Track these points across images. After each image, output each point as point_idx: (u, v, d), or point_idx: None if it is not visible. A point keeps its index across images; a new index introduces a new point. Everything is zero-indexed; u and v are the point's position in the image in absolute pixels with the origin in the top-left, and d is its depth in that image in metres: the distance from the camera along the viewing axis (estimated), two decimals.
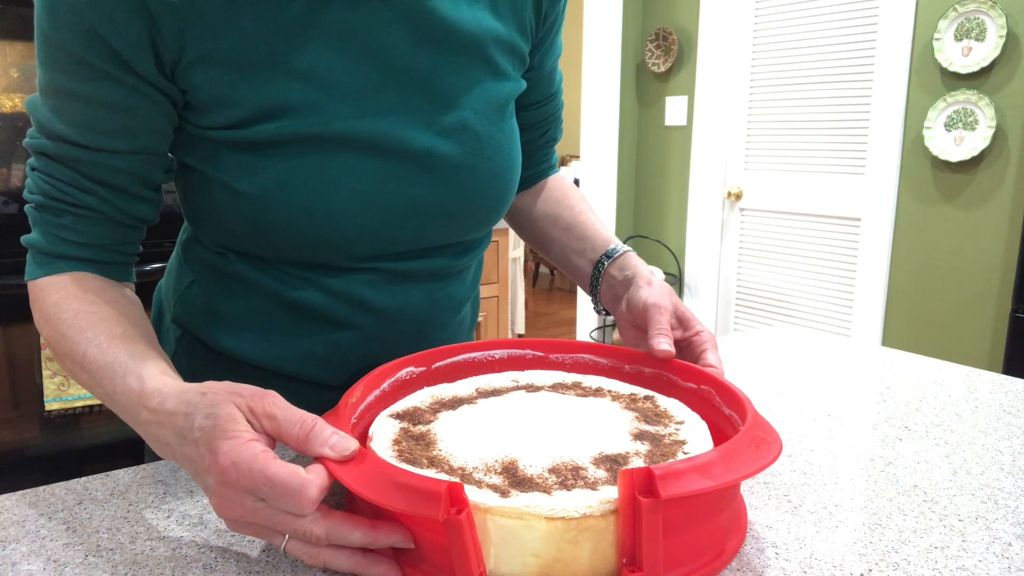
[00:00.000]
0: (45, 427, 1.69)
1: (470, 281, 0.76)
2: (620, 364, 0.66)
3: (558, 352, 0.67)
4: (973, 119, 2.37)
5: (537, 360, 0.67)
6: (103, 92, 0.55)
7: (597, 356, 0.67)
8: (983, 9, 2.31)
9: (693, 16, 3.20)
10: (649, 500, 0.39)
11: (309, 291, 0.66)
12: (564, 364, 0.67)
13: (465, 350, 0.66)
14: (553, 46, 0.76)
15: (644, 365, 0.64)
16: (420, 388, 0.62)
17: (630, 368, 0.65)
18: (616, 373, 0.66)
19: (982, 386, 0.83)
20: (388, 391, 0.60)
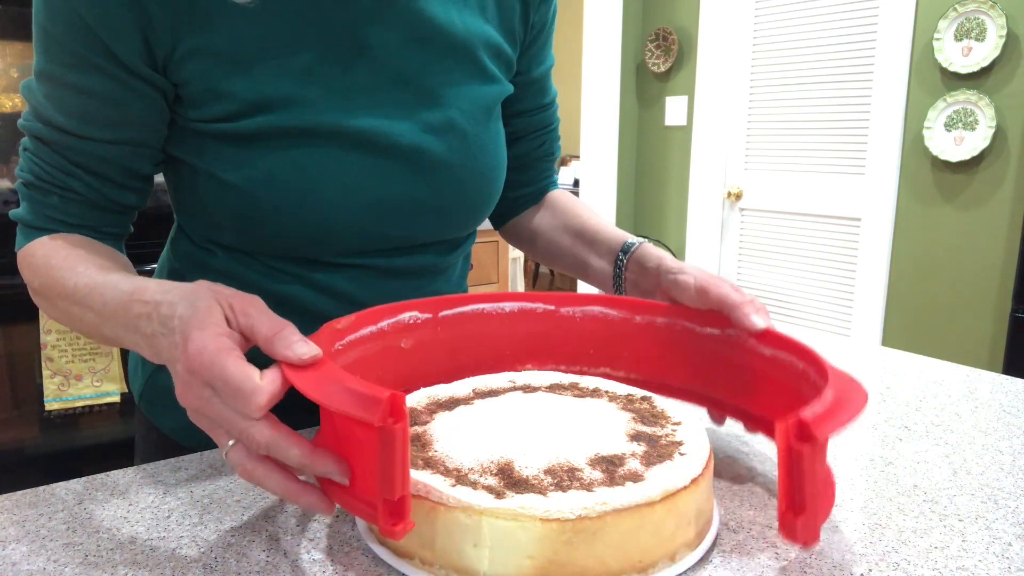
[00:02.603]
0: (45, 427, 1.69)
1: (456, 278, 0.77)
2: (631, 315, 0.64)
3: (569, 306, 0.65)
4: (973, 119, 2.36)
5: (547, 315, 0.65)
6: (91, 83, 0.56)
7: (607, 308, 0.65)
8: (983, 9, 2.31)
9: (693, 16, 3.20)
10: (808, 445, 0.40)
11: (295, 286, 0.66)
12: (574, 318, 0.65)
13: (474, 300, 0.64)
14: (541, 54, 0.76)
15: (656, 315, 0.63)
16: (426, 335, 0.62)
17: (641, 319, 0.64)
18: (627, 325, 0.64)
19: (982, 386, 0.83)
20: (388, 331, 0.59)
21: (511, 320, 0.65)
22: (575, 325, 0.65)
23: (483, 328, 0.64)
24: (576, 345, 0.65)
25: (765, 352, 0.57)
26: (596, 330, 0.64)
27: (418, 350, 0.60)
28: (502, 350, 0.64)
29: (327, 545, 0.49)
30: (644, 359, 0.64)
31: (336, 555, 0.47)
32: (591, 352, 0.65)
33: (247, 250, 0.66)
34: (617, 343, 0.64)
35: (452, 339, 0.63)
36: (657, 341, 0.63)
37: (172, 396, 0.72)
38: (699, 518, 0.47)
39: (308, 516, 0.52)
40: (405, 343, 0.60)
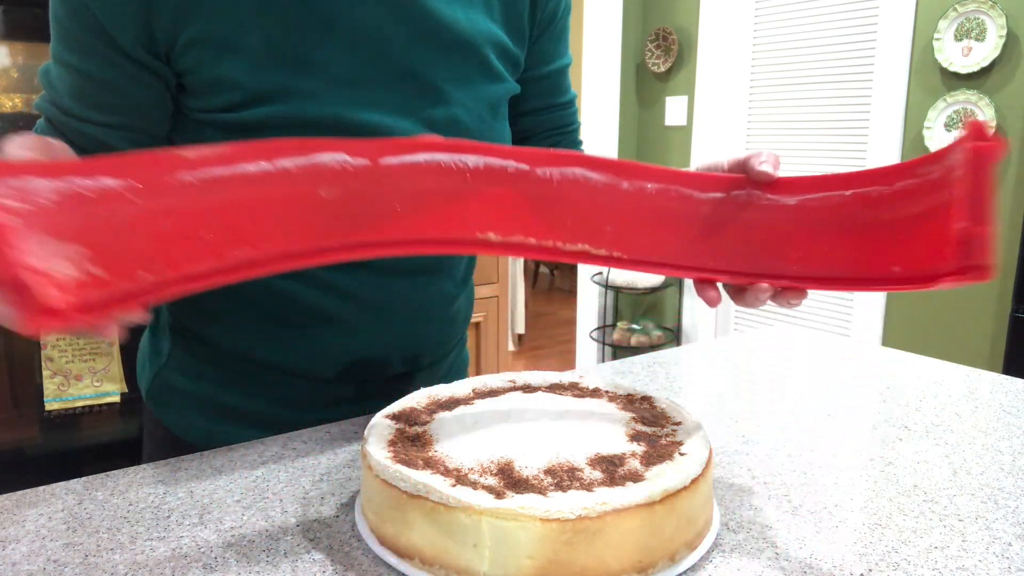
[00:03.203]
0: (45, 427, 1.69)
1: (461, 276, 0.76)
2: (617, 180, 0.54)
3: (545, 166, 0.54)
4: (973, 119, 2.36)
5: (519, 175, 0.53)
6: (91, 67, 0.57)
7: (590, 170, 0.54)
8: (983, 9, 2.31)
9: (693, 16, 3.20)
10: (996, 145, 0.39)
11: (296, 283, 0.66)
12: (551, 181, 0.54)
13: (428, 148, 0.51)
14: (550, 49, 0.75)
15: (647, 180, 0.54)
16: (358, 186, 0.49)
17: (629, 185, 0.54)
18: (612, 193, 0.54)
19: (982, 386, 0.83)
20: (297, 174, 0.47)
21: (474, 178, 0.52)
22: (551, 190, 0.53)
23: (437, 184, 0.51)
24: (552, 214, 0.54)
25: (788, 201, 0.51)
26: (576, 197, 0.54)
27: (344, 204, 0.48)
28: (459, 214, 0.52)
29: (327, 545, 0.49)
30: (631, 232, 0.54)
31: (336, 555, 0.47)
32: (568, 223, 0.54)
33: None
34: (600, 213, 0.54)
35: (395, 195, 0.50)
36: (648, 211, 0.54)
37: (180, 394, 0.72)
38: (699, 518, 0.47)
39: (308, 516, 0.52)
40: (326, 192, 0.47)
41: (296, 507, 0.54)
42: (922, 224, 0.46)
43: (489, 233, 0.52)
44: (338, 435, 0.67)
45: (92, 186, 0.39)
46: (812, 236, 0.51)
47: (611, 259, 0.54)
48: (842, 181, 0.50)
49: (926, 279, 0.45)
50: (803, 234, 0.51)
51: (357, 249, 0.48)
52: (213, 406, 0.72)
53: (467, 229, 0.52)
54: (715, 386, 0.83)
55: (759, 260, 0.52)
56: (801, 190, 0.51)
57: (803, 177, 0.51)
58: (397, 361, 0.73)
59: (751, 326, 3.23)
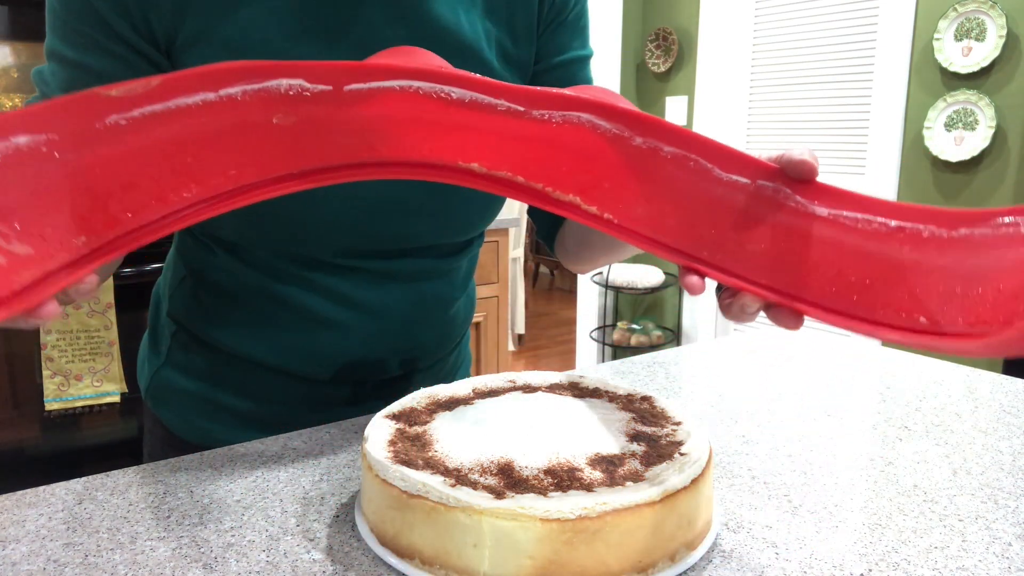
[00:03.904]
0: (45, 427, 1.69)
1: (461, 279, 0.76)
2: (631, 133, 0.46)
3: (545, 108, 0.47)
4: (973, 119, 2.36)
5: (511, 115, 0.46)
6: (88, 59, 0.56)
7: (600, 118, 0.47)
8: (983, 9, 2.31)
9: (693, 16, 3.20)
10: None
11: (294, 287, 0.66)
12: (550, 124, 0.47)
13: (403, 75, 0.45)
14: (561, 41, 0.72)
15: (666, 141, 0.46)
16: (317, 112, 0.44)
17: (643, 142, 0.46)
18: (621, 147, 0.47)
19: (982, 386, 0.83)
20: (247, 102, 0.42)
21: (457, 111, 0.46)
22: (548, 132, 0.47)
23: (412, 115, 0.45)
24: (545, 156, 0.47)
25: (819, 211, 0.44)
26: (576, 143, 0.46)
27: (302, 131, 0.43)
28: (439, 141, 0.46)
29: (327, 545, 0.49)
30: (630, 195, 0.47)
31: (336, 555, 0.47)
32: (563, 169, 0.47)
33: (245, 245, 0.66)
34: (601, 166, 0.47)
35: (362, 123, 0.44)
36: (655, 175, 0.46)
37: (177, 392, 0.72)
38: (699, 518, 0.47)
39: (308, 516, 0.52)
40: (281, 120, 0.43)
41: (296, 507, 0.54)
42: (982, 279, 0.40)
43: (473, 163, 0.46)
44: (338, 435, 0.67)
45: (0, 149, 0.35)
46: (834, 257, 0.44)
47: (600, 220, 0.47)
48: (889, 209, 0.43)
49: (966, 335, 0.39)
50: (824, 252, 0.44)
51: (317, 175, 0.44)
52: (211, 406, 0.72)
53: (447, 154, 0.46)
54: (715, 386, 0.83)
55: (763, 267, 0.45)
56: (839, 203, 0.44)
57: (846, 191, 0.44)
58: (395, 364, 0.73)
59: (751, 326, 3.22)
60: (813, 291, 0.44)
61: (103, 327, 1.64)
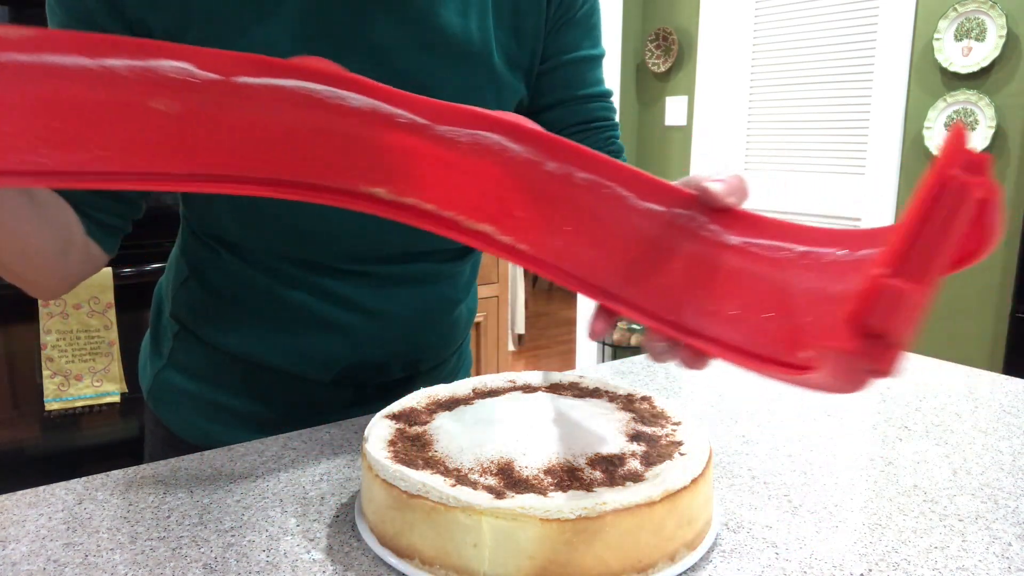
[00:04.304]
0: (45, 427, 1.69)
1: (464, 282, 0.76)
2: (542, 157, 0.43)
3: (452, 124, 0.43)
4: (973, 119, 2.36)
5: (414, 129, 0.42)
6: None
7: (510, 140, 0.43)
8: (983, 9, 2.31)
9: (693, 16, 3.20)
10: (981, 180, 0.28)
11: (299, 290, 0.66)
12: (457, 143, 0.43)
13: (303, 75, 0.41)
14: (569, 38, 0.70)
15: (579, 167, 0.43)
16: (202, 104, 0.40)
17: (556, 167, 0.43)
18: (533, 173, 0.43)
19: (982, 386, 0.83)
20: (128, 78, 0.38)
21: (357, 121, 0.42)
22: (456, 153, 0.43)
23: (307, 120, 0.41)
24: (454, 181, 0.43)
25: (731, 240, 0.41)
26: (486, 167, 0.43)
27: (183, 123, 0.39)
28: (341, 157, 0.42)
29: (327, 545, 0.49)
30: (545, 227, 0.43)
31: (336, 555, 0.47)
32: (475, 197, 0.43)
33: (249, 247, 0.66)
34: (513, 193, 0.43)
35: (246, 123, 0.40)
36: (569, 204, 0.44)
37: (179, 393, 0.72)
38: (699, 518, 0.47)
39: (308, 516, 0.52)
40: (161, 105, 0.39)
41: (296, 507, 0.54)
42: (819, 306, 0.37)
43: (379, 188, 0.43)
44: (338, 435, 0.67)
45: None
46: (742, 290, 0.41)
47: (515, 252, 0.44)
48: (797, 233, 0.40)
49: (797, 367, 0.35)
50: (732, 285, 0.41)
51: (195, 181, 0.40)
52: (213, 407, 0.72)
53: (347, 176, 0.42)
54: (715, 386, 0.83)
55: (672, 302, 0.42)
56: (751, 231, 0.41)
57: (762, 217, 0.41)
58: (397, 366, 0.73)
59: None
60: (717, 328, 0.41)
61: (103, 327, 1.64)
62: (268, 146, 0.41)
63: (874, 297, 0.27)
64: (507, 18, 0.66)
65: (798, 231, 0.40)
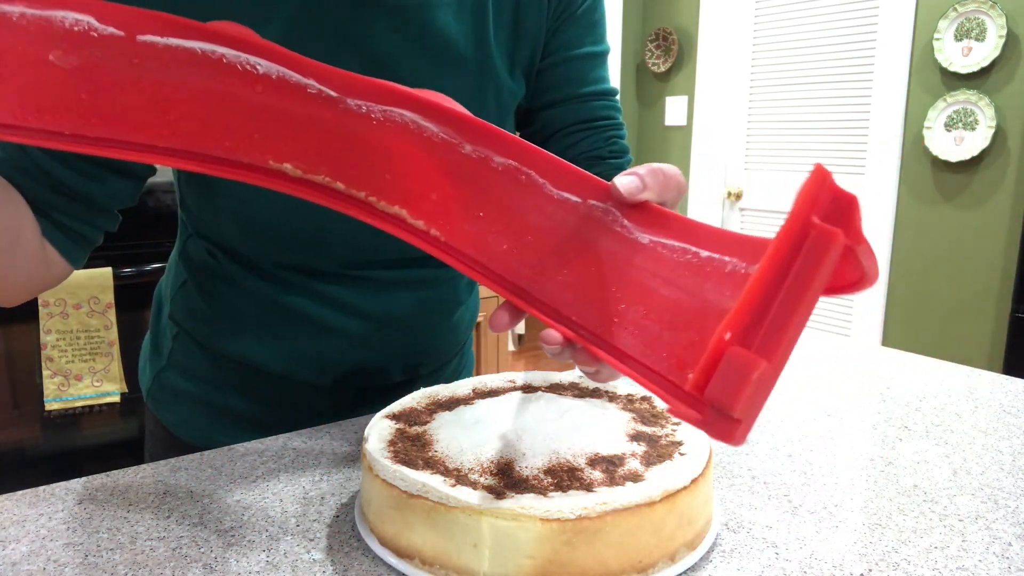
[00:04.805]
0: (45, 427, 1.69)
1: (464, 286, 0.75)
2: (459, 140, 0.41)
3: (364, 98, 0.41)
4: (973, 119, 2.36)
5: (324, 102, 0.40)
6: None
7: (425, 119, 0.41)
8: (983, 9, 2.31)
9: (693, 16, 3.20)
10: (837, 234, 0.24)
11: (298, 295, 0.66)
12: (368, 119, 0.41)
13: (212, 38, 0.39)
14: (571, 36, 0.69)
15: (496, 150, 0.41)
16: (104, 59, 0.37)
17: (473, 150, 0.41)
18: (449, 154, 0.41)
19: (982, 386, 0.83)
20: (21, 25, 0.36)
21: (267, 89, 0.39)
22: (368, 129, 0.41)
23: (214, 84, 0.39)
24: (366, 160, 0.41)
25: (641, 237, 0.38)
26: (399, 146, 0.41)
27: (82, 79, 0.37)
28: (245, 128, 0.39)
29: (327, 545, 0.49)
30: (458, 212, 0.42)
31: (336, 555, 0.47)
32: (387, 177, 0.41)
33: (248, 252, 0.66)
34: (427, 175, 0.41)
35: (154, 84, 0.38)
36: (484, 189, 0.41)
37: (179, 395, 0.72)
38: (699, 518, 0.47)
39: (308, 516, 0.52)
40: (59, 59, 0.36)
41: (296, 507, 0.54)
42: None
43: (286, 164, 0.40)
44: (338, 435, 0.67)
45: None
46: (645, 294, 0.37)
47: (427, 237, 0.42)
48: (705, 236, 0.36)
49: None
50: (637, 288, 0.38)
51: (100, 146, 0.37)
52: (213, 408, 0.72)
53: (253, 149, 0.40)
54: None
55: (576, 299, 0.39)
56: (661, 230, 0.38)
57: (673, 214, 0.38)
58: (397, 370, 0.73)
59: None
60: (615, 333, 0.37)
61: (103, 327, 1.64)
62: (170, 112, 0.38)
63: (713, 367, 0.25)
64: (508, 17, 0.66)
65: (707, 233, 0.37)
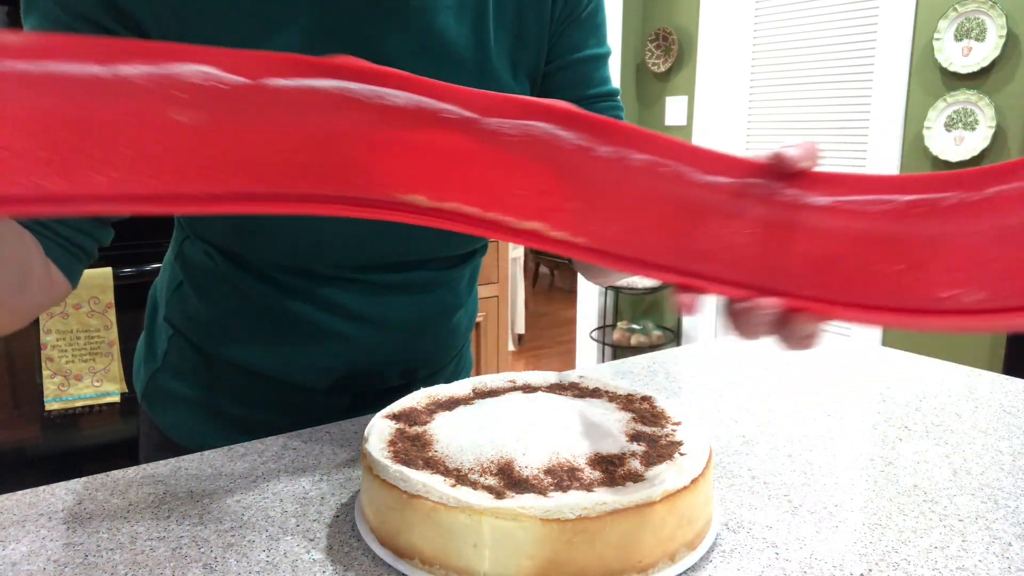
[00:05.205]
0: (45, 427, 1.69)
1: (463, 288, 0.75)
2: (593, 143, 0.41)
3: (500, 115, 0.41)
4: (973, 119, 2.36)
5: (462, 124, 0.40)
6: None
7: (559, 127, 0.41)
8: (983, 9, 2.31)
9: (693, 16, 3.20)
10: None
11: (294, 298, 0.66)
12: (505, 137, 0.41)
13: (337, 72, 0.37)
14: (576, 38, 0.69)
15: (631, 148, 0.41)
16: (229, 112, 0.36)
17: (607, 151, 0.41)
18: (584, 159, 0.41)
19: (982, 386, 0.83)
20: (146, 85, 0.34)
21: (397, 120, 0.38)
22: (503, 147, 0.41)
23: (344, 122, 0.38)
24: (500, 179, 0.41)
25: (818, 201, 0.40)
26: (535, 160, 0.41)
27: (208, 134, 0.35)
28: (375, 164, 0.39)
29: (327, 545, 0.49)
30: (602, 215, 0.42)
31: (336, 555, 0.47)
32: (520, 193, 0.41)
33: (245, 255, 0.65)
34: (564, 184, 0.41)
35: (282, 129, 0.37)
36: (627, 188, 0.42)
37: (174, 397, 0.72)
38: (699, 518, 0.47)
39: (308, 516, 0.52)
40: (185, 116, 0.35)
41: (296, 507, 0.54)
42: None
43: (415, 195, 0.40)
44: (338, 435, 0.67)
45: None
46: (844, 248, 0.39)
47: (571, 246, 0.42)
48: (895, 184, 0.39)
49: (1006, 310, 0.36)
50: (831, 244, 0.40)
51: (230, 203, 0.36)
52: (208, 411, 0.71)
53: (384, 185, 0.39)
54: (715, 386, 0.83)
55: (766, 271, 0.40)
56: (838, 189, 0.40)
57: (841, 174, 0.40)
58: (395, 374, 0.73)
59: None
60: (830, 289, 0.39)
61: (103, 327, 1.64)
62: (301, 157, 0.37)
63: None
64: (509, 21, 0.65)
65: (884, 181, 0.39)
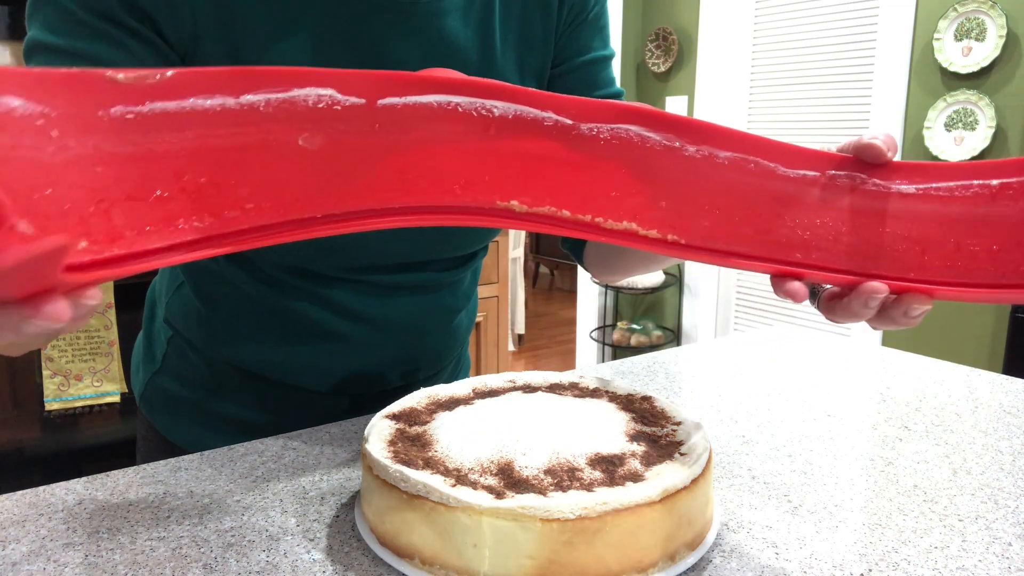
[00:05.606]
0: (45, 427, 1.69)
1: (464, 290, 0.75)
2: (681, 143, 0.43)
3: (594, 121, 0.42)
4: (973, 119, 2.36)
5: (559, 130, 0.42)
6: (82, 45, 0.51)
7: (648, 129, 0.43)
8: (983, 9, 2.31)
9: (693, 16, 3.20)
10: None
11: (296, 299, 0.66)
12: (598, 140, 0.42)
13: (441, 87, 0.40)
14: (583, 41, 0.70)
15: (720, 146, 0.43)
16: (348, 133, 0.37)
17: (697, 150, 0.43)
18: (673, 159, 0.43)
19: (982, 386, 0.83)
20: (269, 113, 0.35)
21: (499, 131, 0.41)
22: (597, 150, 0.42)
23: (450, 135, 0.40)
24: (593, 181, 0.43)
25: (905, 188, 0.42)
26: (626, 161, 0.43)
27: (330, 158, 0.37)
28: (477, 174, 0.41)
29: (327, 545, 0.49)
30: (693, 210, 0.43)
31: (336, 555, 0.47)
32: (614, 194, 0.43)
33: (247, 256, 0.65)
34: (655, 183, 0.43)
35: (396, 147, 0.39)
36: (717, 184, 0.43)
37: (171, 398, 0.72)
38: (699, 518, 0.47)
39: (308, 516, 0.52)
40: (308, 142, 0.37)
41: (296, 507, 0.54)
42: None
43: (513, 201, 0.41)
44: (338, 435, 0.67)
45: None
46: (939, 231, 0.41)
47: (664, 243, 0.43)
48: (977, 170, 0.41)
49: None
50: (926, 229, 0.42)
51: (347, 222, 0.38)
52: (208, 414, 0.71)
53: (486, 194, 0.41)
54: (715, 386, 0.83)
55: (865, 256, 0.42)
56: (922, 177, 0.42)
57: (921, 163, 0.42)
58: (395, 375, 0.73)
59: (751, 326, 3.22)
60: (932, 270, 0.41)
61: (103, 327, 1.64)
62: (412, 172, 0.38)
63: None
64: (515, 24, 0.65)
65: (970, 168, 0.41)
